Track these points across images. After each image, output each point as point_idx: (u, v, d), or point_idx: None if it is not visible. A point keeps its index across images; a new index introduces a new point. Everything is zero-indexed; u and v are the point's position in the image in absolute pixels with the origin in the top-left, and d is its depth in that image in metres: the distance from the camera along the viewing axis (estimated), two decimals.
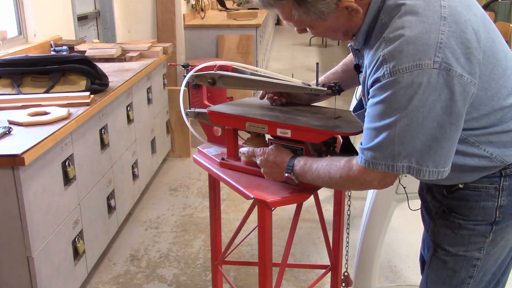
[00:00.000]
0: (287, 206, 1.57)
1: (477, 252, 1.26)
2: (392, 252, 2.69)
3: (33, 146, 1.76)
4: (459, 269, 1.28)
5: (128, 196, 2.92)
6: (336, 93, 1.46)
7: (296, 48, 9.67)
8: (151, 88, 3.33)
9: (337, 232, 1.87)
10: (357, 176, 1.20)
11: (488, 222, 1.23)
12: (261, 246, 1.50)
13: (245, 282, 2.46)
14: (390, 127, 1.08)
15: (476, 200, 1.22)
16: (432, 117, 1.06)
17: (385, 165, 1.13)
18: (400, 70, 1.04)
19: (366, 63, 1.17)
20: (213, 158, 1.68)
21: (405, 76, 1.04)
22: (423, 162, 1.10)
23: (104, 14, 4.18)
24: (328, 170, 1.28)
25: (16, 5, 2.99)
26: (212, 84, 1.64)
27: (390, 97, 1.06)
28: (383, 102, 1.08)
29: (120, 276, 2.52)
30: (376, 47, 1.11)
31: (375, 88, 1.09)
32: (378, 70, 1.08)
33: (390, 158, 1.11)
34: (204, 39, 5.38)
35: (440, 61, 1.03)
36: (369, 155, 1.14)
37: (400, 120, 1.07)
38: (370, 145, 1.13)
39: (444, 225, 1.28)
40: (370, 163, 1.14)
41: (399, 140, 1.08)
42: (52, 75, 2.42)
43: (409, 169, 1.11)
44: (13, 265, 1.81)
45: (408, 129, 1.07)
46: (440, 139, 1.08)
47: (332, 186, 1.32)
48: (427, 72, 1.03)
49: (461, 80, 1.05)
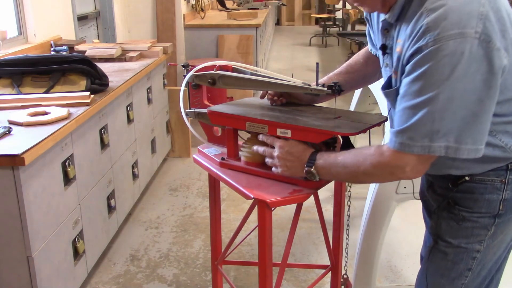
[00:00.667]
0: (287, 206, 1.57)
1: (478, 245, 1.27)
2: (392, 252, 2.69)
3: (33, 146, 1.76)
4: (459, 261, 1.29)
5: (128, 196, 2.92)
6: (336, 93, 1.46)
7: (296, 48, 9.67)
8: (151, 88, 3.33)
9: (337, 232, 1.87)
10: (389, 161, 1.16)
11: (492, 214, 1.24)
12: (261, 246, 1.50)
13: (245, 282, 2.46)
14: (431, 102, 1.06)
15: (482, 192, 1.24)
16: (472, 90, 1.05)
17: (421, 147, 1.10)
18: (445, 37, 1.03)
19: (402, 38, 1.16)
20: (213, 158, 1.68)
21: (450, 44, 1.03)
22: (462, 140, 1.08)
23: (104, 14, 4.17)
24: (357, 159, 1.24)
25: (16, 5, 2.99)
26: (212, 84, 1.64)
27: (433, 67, 1.05)
28: (425, 74, 1.06)
29: (120, 276, 2.52)
30: (416, 19, 1.10)
31: (417, 60, 1.07)
32: (420, 39, 1.07)
33: (428, 138, 1.08)
34: (204, 39, 5.38)
35: (480, 32, 1.03)
36: (404, 137, 1.11)
37: (442, 93, 1.05)
38: (407, 125, 1.10)
39: (447, 217, 1.29)
40: (406, 145, 1.11)
41: (440, 116, 1.06)
42: (52, 75, 2.42)
43: (446, 149, 1.09)
44: (13, 265, 1.81)
45: (450, 103, 1.05)
46: (479, 114, 1.07)
47: (359, 177, 1.26)
48: (469, 41, 1.03)
49: (499, 53, 1.05)
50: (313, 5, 13.29)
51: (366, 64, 1.60)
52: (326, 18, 10.81)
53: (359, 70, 1.61)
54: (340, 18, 10.94)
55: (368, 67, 1.60)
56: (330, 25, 11.26)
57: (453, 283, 1.32)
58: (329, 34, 10.47)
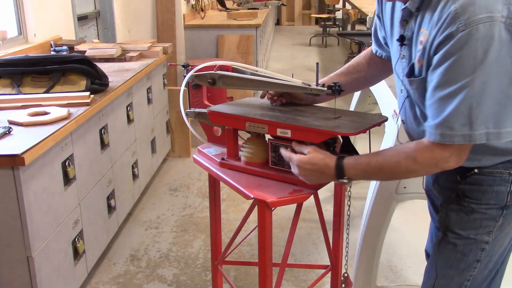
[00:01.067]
0: (287, 206, 1.57)
1: (486, 236, 1.30)
2: (392, 252, 2.69)
3: (33, 146, 1.76)
4: (468, 253, 1.32)
5: (128, 196, 2.92)
6: (336, 93, 1.46)
7: (296, 48, 9.67)
8: (151, 88, 3.33)
9: (337, 232, 1.87)
10: (433, 155, 1.16)
11: (500, 206, 1.27)
12: (261, 246, 1.50)
13: (245, 282, 2.46)
14: (466, 88, 1.07)
15: (490, 184, 1.26)
16: (504, 73, 1.07)
17: (462, 136, 1.11)
18: (475, 21, 1.04)
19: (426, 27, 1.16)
20: (213, 158, 1.68)
21: (480, 27, 1.04)
22: (501, 124, 1.09)
23: (104, 14, 4.17)
24: (395, 159, 1.22)
25: (16, 5, 2.99)
26: (212, 84, 1.63)
27: (466, 53, 1.05)
28: (458, 61, 1.07)
29: (120, 276, 2.52)
30: (442, 7, 1.11)
31: (448, 48, 1.08)
32: (449, 26, 1.07)
33: (468, 126, 1.09)
34: (204, 39, 5.38)
35: (506, 16, 1.05)
36: (444, 128, 1.12)
37: (478, 78, 1.06)
38: (444, 116, 1.11)
39: (457, 209, 1.32)
40: (446, 136, 1.12)
41: (477, 102, 1.07)
42: (52, 75, 2.42)
43: (487, 136, 1.10)
44: (13, 265, 1.81)
45: (485, 87, 1.06)
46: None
47: (398, 176, 1.26)
48: (497, 25, 1.05)
49: None
50: (313, 5, 13.29)
51: (368, 66, 1.60)
52: (326, 18, 10.81)
53: (361, 71, 1.61)
54: (340, 18, 10.95)
55: (370, 68, 1.59)
56: (330, 25, 11.25)
57: (462, 274, 1.34)
58: (329, 34, 10.47)
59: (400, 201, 2.04)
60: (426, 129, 1.17)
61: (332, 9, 12.00)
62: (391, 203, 2.04)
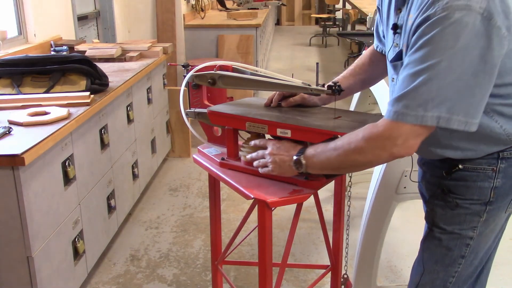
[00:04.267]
0: (287, 206, 1.57)
1: (471, 231, 1.32)
2: (392, 252, 2.69)
3: (33, 146, 1.76)
4: (453, 247, 1.34)
5: (128, 196, 2.92)
6: (336, 93, 1.46)
7: (296, 48, 9.67)
8: (151, 88, 3.33)
9: (337, 232, 1.87)
10: (382, 132, 1.17)
11: (483, 201, 1.30)
12: (261, 246, 1.50)
13: (245, 282, 2.46)
14: (432, 68, 1.09)
15: (474, 180, 1.29)
16: (469, 63, 1.08)
17: (414, 116, 1.12)
18: (453, 6, 1.07)
19: (413, 10, 1.18)
20: (213, 158, 1.68)
21: (457, 13, 1.07)
22: (454, 111, 1.11)
23: (104, 14, 4.17)
24: (348, 138, 1.24)
25: (16, 5, 2.99)
26: (212, 84, 1.64)
27: (439, 34, 1.08)
28: (430, 40, 1.09)
29: (120, 276, 2.52)
30: None
31: (424, 28, 1.10)
32: (429, 9, 1.10)
33: (422, 107, 1.11)
34: (204, 39, 5.38)
35: (484, 8, 1.07)
36: (400, 105, 1.14)
37: (443, 61, 1.08)
38: (405, 91, 1.13)
39: (442, 205, 1.34)
40: (400, 114, 1.14)
41: (437, 84, 1.09)
42: (52, 75, 2.42)
43: (438, 120, 1.11)
44: (13, 265, 1.81)
45: (447, 72, 1.08)
46: (473, 86, 1.10)
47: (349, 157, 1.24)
48: (474, 14, 1.07)
49: (499, 32, 1.09)
50: (313, 5, 13.29)
51: (372, 64, 1.61)
52: (326, 18, 10.81)
53: (367, 71, 1.63)
54: (340, 18, 10.94)
55: (374, 66, 1.62)
56: (330, 25, 11.25)
57: (447, 270, 1.36)
58: (329, 34, 10.47)
59: (400, 201, 2.04)
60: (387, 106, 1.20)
61: (332, 9, 12.00)
62: (391, 203, 2.04)
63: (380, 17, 1.47)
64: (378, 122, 1.20)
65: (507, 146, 1.26)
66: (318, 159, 1.33)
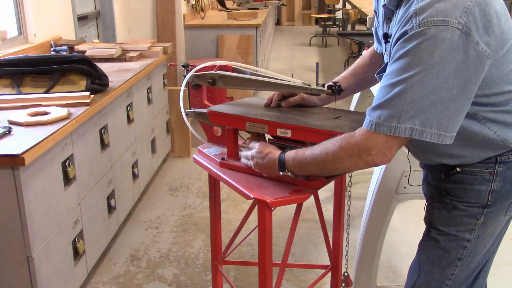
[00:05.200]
0: (287, 206, 1.57)
1: (468, 234, 1.32)
2: (392, 252, 2.69)
3: (33, 146, 1.76)
4: (450, 249, 1.34)
5: (128, 196, 2.92)
6: (336, 93, 1.46)
7: (296, 48, 9.67)
8: (151, 88, 3.33)
9: (337, 232, 1.87)
10: (358, 141, 1.20)
11: (481, 205, 1.30)
12: (261, 246, 1.50)
13: (245, 282, 2.46)
14: (406, 81, 1.11)
15: (471, 183, 1.29)
16: (444, 77, 1.10)
17: (388, 127, 1.14)
18: (429, 22, 1.08)
19: (397, 22, 1.20)
20: (213, 158, 1.68)
21: (432, 29, 1.08)
22: (427, 124, 1.12)
23: (104, 14, 4.17)
24: (325, 146, 1.28)
25: (16, 5, 2.99)
26: (212, 84, 1.64)
27: (414, 49, 1.10)
28: (406, 54, 1.11)
29: (120, 276, 2.52)
30: (407, 6, 1.16)
31: (401, 41, 1.12)
32: (407, 23, 1.12)
33: (396, 118, 1.13)
34: (204, 39, 5.38)
35: (463, 23, 1.08)
36: (375, 115, 1.16)
37: (417, 75, 1.10)
38: (380, 102, 1.15)
39: (439, 206, 1.35)
40: (374, 123, 1.16)
41: (410, 97, 1.11)
42: (52, 75, 2.42)
43: (411, 132, 1.13)
44: (13, 265, 1.81)
45: (422, 86, 1.10)
46: (447, 100, 1.11)
47: (327, 165, 1.28)
48: (451, 30, 1.08)
49: (477, 47, 1.10)
50: (313, 5, 13.29)
51: (373, 65, 1.62)
52: (326, 18, 10.81)
53: (367, 72, 1.64)
54: (340, 18, 10.94)
55: (375, 67, 1.61)
56: (330, 25, 11.25)
57: (443, 272, 1.36)
58: (329, 34, 10.47)
59: (400, 201, 2.04)
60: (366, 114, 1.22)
61: (332, 9, 12.00)
62: (391, 203, 2.04)
63: (377, 21, 1.48)
64: (356, 131, 1.23)
65: (504, 150, 1.26)
66: (302, 169, 1.37)
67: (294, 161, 1.36)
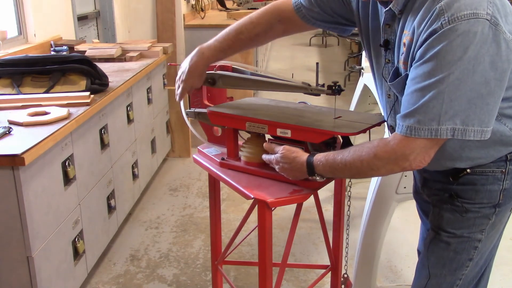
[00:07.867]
0: (287, 206, 1.57)
1: (480, 234, 1.31)
2: (392, 252, 2.69)
3: (33, 146, 1.75)
4: (461, 251, 1.32)
5: (128, 196, 2.92)
6: (336, 93, 1.46)
7: (296, 48, 9.67)
8: (151, 88, 3.33)
9: (337, 232, 1.87)
10: (395, 148, 1.16)
11: (492, 204, 1.28)
12: (261, 246, 1.50)
13: (245, 282, 2.46)
14: (441, 83, 1.08)
15: (483, 183, 1.27)
16: (480, 72, 1.07)
17: (428, 130, 1.11)
18: (459, 17, 1.06)
19: (409, 29, 1.17)
20: (213, 158, 1.68)
21: (463, 24, 1.05)
22: (469, 121, 1.10)
23: (104, 14, 4.17)
24: (359, 154, 1.24)
25: (16, 5, 2.99)
26: (212, 84, 1.64)
27: (446, 48, 1.06)
28: (437, 55, 1.07)
29: (120, 276, 2.52)
30: (427, 6, 1.12)
31: (430, 42, 1.09)
32: (434, 22, 1.09)
33: (436, 120, 1.10)
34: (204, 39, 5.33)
35: (491, 14, 1.06)
36: (412, 120, 1.12)
37: (453, 74, 1.07)
38: (415, 107, 1.12)
39: (450, 209, 1.32)
40: (413, 129, 1.13)
41: (448, 97, 1.08)
42: (52, 75, 2.42)
43: (453, 132, 1.10)
44: (13, 265, 1.81)
45: (459, 84, 1.07)
46: (485, 95, 1.09)
47: (361, 172, 1.26)
48: (481, 22, 1.05)
49: (505, 36, 1.08)
50: None
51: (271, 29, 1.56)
52: None
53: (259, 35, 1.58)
54: None
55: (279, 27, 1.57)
56: None
57: (455, 273, 1.35)
58: (329, 34, 10.46)
59: (400, 201, 2.04)
60: (397, 121, 1.18)
61: None
62: (391, 203, 2.04)
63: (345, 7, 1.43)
64: (389, 138, 1.19)
65: None
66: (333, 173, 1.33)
67: (324, 166, 1.32)
